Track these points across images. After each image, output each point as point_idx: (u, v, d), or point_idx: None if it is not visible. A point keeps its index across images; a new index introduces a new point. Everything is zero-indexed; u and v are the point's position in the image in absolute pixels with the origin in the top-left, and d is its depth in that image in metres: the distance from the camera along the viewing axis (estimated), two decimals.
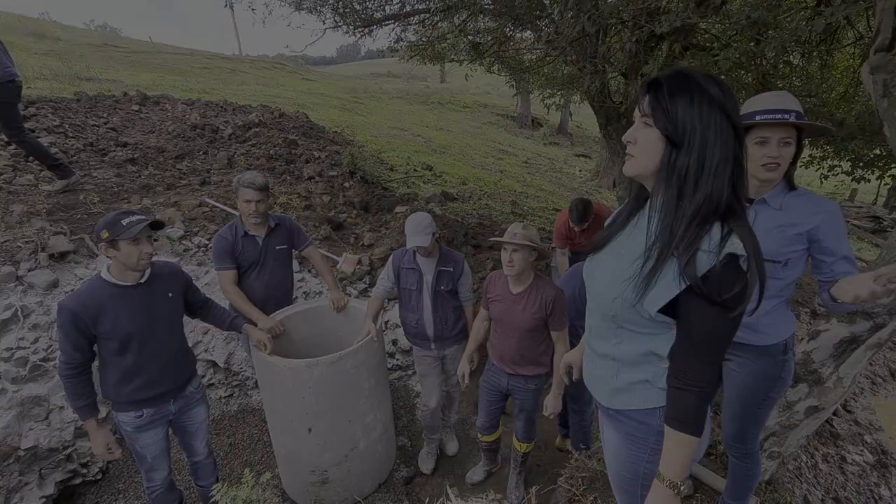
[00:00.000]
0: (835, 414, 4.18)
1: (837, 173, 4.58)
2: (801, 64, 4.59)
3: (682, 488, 1.07)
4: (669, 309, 1.04)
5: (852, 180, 4.36)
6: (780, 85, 4.75)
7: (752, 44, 2.45)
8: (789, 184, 1.64)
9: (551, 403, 2.53)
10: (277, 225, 2.98)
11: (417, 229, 2.63)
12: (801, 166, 5.03)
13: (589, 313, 1.31)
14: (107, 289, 2.10)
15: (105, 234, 2.02)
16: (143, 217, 2.09)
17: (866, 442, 3.86)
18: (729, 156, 0.99)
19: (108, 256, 2.09)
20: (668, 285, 1.01)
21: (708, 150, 0.98)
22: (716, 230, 0.98)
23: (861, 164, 4.19)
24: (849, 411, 4.36)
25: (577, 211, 3.74)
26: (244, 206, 2.74)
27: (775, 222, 1.60)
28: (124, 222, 2.02)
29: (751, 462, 1.97)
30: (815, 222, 1.55)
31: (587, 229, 3.88)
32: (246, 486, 1.93)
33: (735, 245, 0.95)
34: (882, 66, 2.07)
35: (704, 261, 0.96)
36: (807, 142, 4.88)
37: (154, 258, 2.28)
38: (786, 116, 1.50)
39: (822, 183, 4.91)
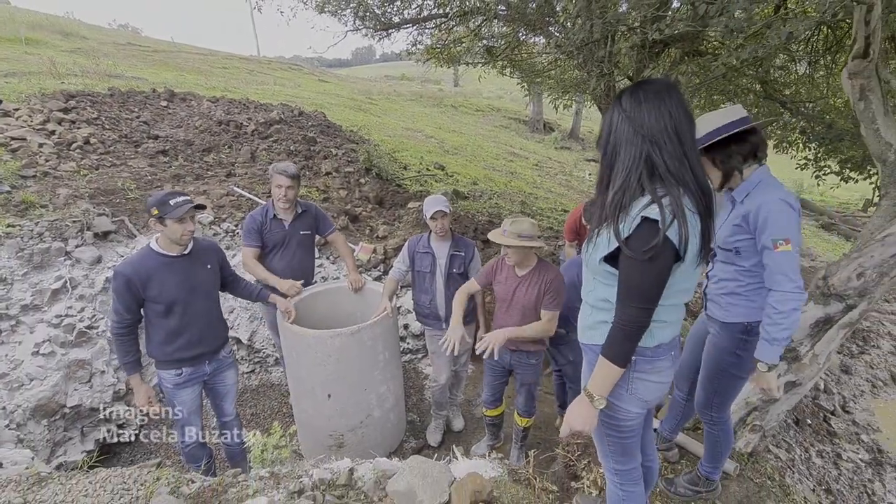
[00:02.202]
0: (833, 413, 4.29)
1: (827, 173, 4.74)
2: (807, 72, 4.76)
3: (596, 399, 1.37)
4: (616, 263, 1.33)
5: (841, 180, 4.54)
6: (788, 93, 4.93)
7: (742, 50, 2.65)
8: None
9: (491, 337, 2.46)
10: (304, 211, 3.24)
11: (438, 201, 2.93)
12: (797, 169, 5.19)
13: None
14: (156, 258, 2.38)
15: (155, 212, 2.30)
16: (189, 199, 2.37)
17: (863, 441, 3.96)
18: (635, 144, 1.25)
19: (156, 230, 2.37)
20: (606, 243, 1.30)
21: (610, 143, 1.30)
22: (643, 200, 1.23)
23: (849, 165, 4.37)
24: (847, 412, 4.45)
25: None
26: (276, 191, 3.00)
27: (732, 214, 1.78)
28: (172, 202, 2.30)
29: (719, 430, 2.10)
30: (752, 209, 1.68)
31: None
32: (275, 435, 2.17)
33: (649, 210, 1.21)
34: (859, 71, 2.28)
35: (627, 223, 1.23)
36: (801, 144, 4.99)
37: (195, 234, 2.55)
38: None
39: (818, 185, 5.06)
